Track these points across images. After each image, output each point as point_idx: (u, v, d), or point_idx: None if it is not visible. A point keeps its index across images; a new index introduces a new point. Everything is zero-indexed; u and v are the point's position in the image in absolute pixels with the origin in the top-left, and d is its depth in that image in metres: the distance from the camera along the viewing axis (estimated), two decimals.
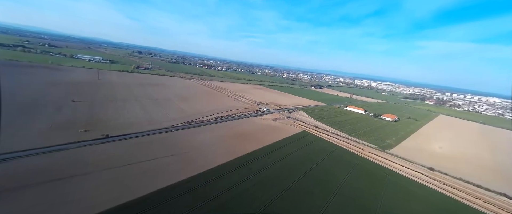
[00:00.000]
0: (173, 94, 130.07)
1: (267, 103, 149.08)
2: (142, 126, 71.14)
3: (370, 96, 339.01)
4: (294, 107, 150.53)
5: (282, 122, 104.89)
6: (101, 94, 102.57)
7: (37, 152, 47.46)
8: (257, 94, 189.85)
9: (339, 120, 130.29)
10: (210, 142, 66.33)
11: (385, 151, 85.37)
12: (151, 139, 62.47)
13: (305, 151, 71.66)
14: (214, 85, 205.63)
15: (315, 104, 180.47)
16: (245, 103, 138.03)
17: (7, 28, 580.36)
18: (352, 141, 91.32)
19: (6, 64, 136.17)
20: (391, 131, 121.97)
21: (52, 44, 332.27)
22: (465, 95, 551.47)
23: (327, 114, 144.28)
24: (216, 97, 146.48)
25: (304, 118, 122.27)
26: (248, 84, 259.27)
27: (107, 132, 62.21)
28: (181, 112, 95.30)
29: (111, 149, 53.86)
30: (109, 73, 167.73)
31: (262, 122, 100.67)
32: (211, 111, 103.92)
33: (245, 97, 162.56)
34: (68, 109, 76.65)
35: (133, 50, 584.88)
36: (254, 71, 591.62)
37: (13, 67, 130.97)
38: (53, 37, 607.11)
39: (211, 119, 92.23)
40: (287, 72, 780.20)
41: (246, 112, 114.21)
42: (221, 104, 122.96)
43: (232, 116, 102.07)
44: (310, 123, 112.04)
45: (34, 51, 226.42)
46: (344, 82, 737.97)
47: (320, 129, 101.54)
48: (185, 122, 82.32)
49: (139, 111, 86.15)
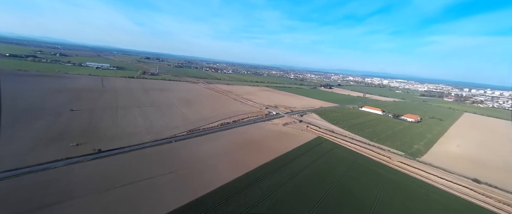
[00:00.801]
0: (177, 99, 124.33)
1: (276, 106, 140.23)
2: (141, 137, 64.64)
3: (384, 95, 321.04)
4: (305, 109, 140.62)
5: (294, 127, 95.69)
6: (102, 102, 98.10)
7: (17, 173, 41.47)
8: (265, 96, 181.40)
9: (356, 122, 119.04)
10: (214, 154, 58.51)
11: (415, 159, 74.05)
12: (148, 153, 55.53)
13: (323, 162, 62.21)
14: (220, 88, 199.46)
15: (327, 105, 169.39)
16: (253, 107, 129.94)
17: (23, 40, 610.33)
18: (375, 148, 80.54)
19: (13, 74, 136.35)
20: (416, 134, 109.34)
21: (64, 53, 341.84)
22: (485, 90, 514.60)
23: (341, 116, 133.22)
24: (222, 101, 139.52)
25: (317, 121, 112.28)
26: (255, 86, 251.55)
27: (101, 145, 56.00)
28: (184, 119, 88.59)
29: (102, 166, 47.21)
30: (114, 80, 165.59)
31: (272, 127, 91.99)
32: (216, 117, 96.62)
33: (252, 100, 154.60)
34: (64, 119, 71.78)
35: (142, 56, 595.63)
36: (261, 72, 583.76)
37: (19, 76, 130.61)
38: (66, 46, 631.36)
39: (216, 126, 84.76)
40: (294, 73, 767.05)
41: (254, 116, 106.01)
42: (227, 109, 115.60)
43: (239, 122, 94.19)
44: (325, 127, 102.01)
45: (45, 60, 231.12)
46: (354, 81, 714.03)
47: (336, 134, 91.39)
48: (188, 130, 75.24)
49: (139, 120, 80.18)
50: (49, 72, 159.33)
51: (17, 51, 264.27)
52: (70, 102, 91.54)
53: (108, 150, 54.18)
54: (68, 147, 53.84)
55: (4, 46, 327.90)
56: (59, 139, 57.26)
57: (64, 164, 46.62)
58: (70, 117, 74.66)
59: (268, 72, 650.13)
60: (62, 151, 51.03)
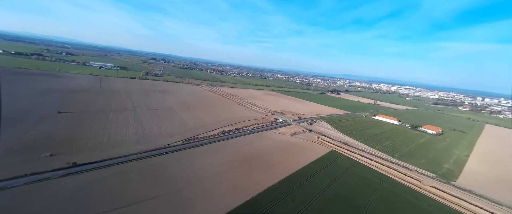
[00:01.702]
0: (176, 102, 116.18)
1: (282, 112, 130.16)
2: (128, 147, 55.91)
3: (396, 102, 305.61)
4: (314, 117, 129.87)
5: (304, 138, 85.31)
6: (95, 104, 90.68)
7: None
8: (270, 101, 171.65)
9: (371, 133, 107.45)
10: (211, 172, 48.96)
11: (450, 183, 62.31)
12: (132, 168, 46.49)
13: (341, 185, 51.65)
14: (224, 91, 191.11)
15: (337, 112, 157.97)
16: (258, 113, 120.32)
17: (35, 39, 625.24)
18: (400, 166, 69.18)
19: (11, 72, 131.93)
20: (441, 149, 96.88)
21: (70, 53, 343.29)
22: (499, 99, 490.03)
23: (354, 125, 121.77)
24: (225, 105, 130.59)
25: (328, 131, 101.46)
26: (260, 90, 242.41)
27: (79, 157, 47.45)
28: (181, 125, 79.76)
29: (69, 186, 38.37)
30: (115, 80, 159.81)
31: (279, 137, 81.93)
32: (218, 124, 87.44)
33: (257, 105, 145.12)
34: (47, 123, 64.08)
35: (148, 57, 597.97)
36: (266, 76, 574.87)
37: (16, 75, 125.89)
38: (76, 46, 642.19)
39: (217, 134, 75.43)
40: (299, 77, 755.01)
41: (259, 124, 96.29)
42: (230, 114, 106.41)
43: (242, 130, 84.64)
44: (338, 138, 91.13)
45: (49, 59, 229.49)
46: (361, 86, 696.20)
47: (352, 148, 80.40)
48: (184, 139, 66.17)
49: (131, 125, 71.80)
50: (49, 71, 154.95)
51: (24, 49, 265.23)
52: (61, 103, 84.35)
53: (85, 163, 45.49)
54: (39, 158, 45.47)
55: (13, 44, 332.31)
56: (32, 148, 49.07)
57: (25, 182, 38.03)
58: (55, 121, 66.96)
59: (273, 75, 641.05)
60: (30, 164, 42.63)
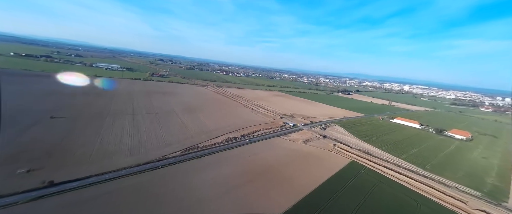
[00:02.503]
0: (179, 104, 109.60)
1: (292, 115, 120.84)
2: (118, 159, 48.97)
3: (411, 103, 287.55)
4: (327, 120, 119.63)
5: (318, 145, 75.88)
6: (93, 107, 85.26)
7: None
8: (278, 102, 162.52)
9: (392, 139, 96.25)
10: (212, 192, 40.95)
11: (501, 204, 51.21)
12: (116, 189, 39.23)
13: (372, 210, 42.19)
14: (230, 92, 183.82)
15: (351, 115, 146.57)
16: (265, 116, 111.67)
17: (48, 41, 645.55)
18: (435, 182, 58.52)
19: (15, 73, 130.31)
20: (477, 159, 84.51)
21: (79, 54, 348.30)
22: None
23: (372, 129, 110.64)
24: (231, 108, 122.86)
25: (344, 137, 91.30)
26: (267, 91, 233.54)
27: (61, 172, 40.86)
28: (182, 131, 72.52)
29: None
30: (118, 81, 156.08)
31: (291, 145, 72.97)
32: (222, 129, 79.62)
33: (264, 107, 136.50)
34: (36, 130, 58.50)
35: (155, 58, 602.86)
36: (273, 76, 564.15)
37: (20, 76, 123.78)
38: (87, 48, 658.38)
39: (220, 142, 67.53)
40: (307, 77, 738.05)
41: (267, 129, 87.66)
42: (235, 118, 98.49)
43: (249, 136, 76.36)
44: (356, 145, 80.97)
45: (57, 60, 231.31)
46: (371, 86, 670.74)
47: (375, 158, 70.19)
48: (183, 149, 58.66)
49: (126, 132, 65.22)
50: (53, 73, 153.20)
51: (35, 51, 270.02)
52: (57, 107, 79.43)
53: (63, 182, 38.66)
54: (14, 175, 39.11)
55: (26, 47, 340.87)
56: (9, 161, 42.93)
57: None
58: (45, 127, 61.36)
59: (280, 75, 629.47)
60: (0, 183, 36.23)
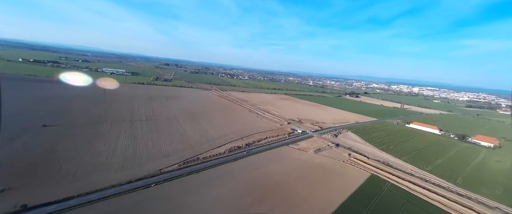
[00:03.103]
0: (181, 110, 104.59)
1: (300, 121, 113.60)
2: (108, 174, 43.50)
3: (424, 106, 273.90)
4: (338, 126, 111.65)
5: (331, 155, 68.45)
6: (90, 114, 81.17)
7: None
8: (285, 106, 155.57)
9: (412, 147, 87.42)
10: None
11: None
12: (101, 213, 33.36)
13: None
14: (234, 96, 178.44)
15: (362, 119, 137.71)
16: (272, 122, 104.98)
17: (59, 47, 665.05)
18: (473, 201, 49.99)
19: (18, 78, 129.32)
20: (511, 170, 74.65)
21: (87, 60, 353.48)
22: None
23: (388, 136, 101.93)
24: (235, 113, 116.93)
25: (359, 145, 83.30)
26: (272, 94, 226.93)
27: (39, 192, 35.64)
28: (182, 140, 66.85)
29: None
30: (121, 86, 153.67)
31: (300, 156, 65.91)
32: (225, 137, 73.53)
33: (270, 111, 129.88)
34: (24, 140, 54.13)
35: (161, 63, 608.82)
36: (278, 79, 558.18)
37: (22, 81, 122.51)
38: (96, 54, 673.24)
39: (223, 152, 61.32)
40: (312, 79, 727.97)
41: (274, 136, 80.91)
42: (239, 124, 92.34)
43: (255, 145, 69.86)
44: (374, 155, 72.95)
45: (64, 66, 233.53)
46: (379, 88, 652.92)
47: (398, 171, 62.08)
48: (182, 161, 52.75)
49: (121, 141, 60.09)
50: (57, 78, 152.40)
51: (42, 57, 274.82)
52: (52, 113, 75.72)
53: (39, 205, 33.19)
54: None
55: (36, 53, 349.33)
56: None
57: None
58: (35, 136, 57.02)
59: (285, 78, 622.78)
60: None
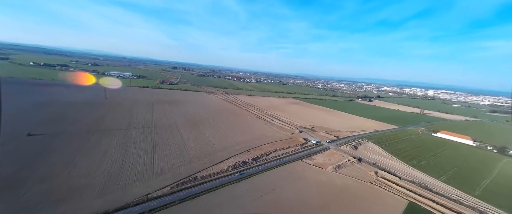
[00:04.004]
0: (182, 116, 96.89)
1: (312, 128, 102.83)
2: (83, 201, 35.34)
3: (445, 111, 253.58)
4: (356, 135, 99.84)
5: (354, 174, 57.50)
6: (84, 121, 74.74)
7: None
8: (295, 112, 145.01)
9: (448, 163, 74.45)
10: None
11: None
12: None
13: None
14: (241, 100, 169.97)
15: (381, 126, 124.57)
16: (282, 129, 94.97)
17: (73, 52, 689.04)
18: None
19: (21, 82, 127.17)
20: None
21: (96, 63, 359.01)
22: None
23: (415, 148, 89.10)
24: (241, 119, 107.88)
25: (385, 160, 71.51)
26: (281, 98, 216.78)
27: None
28: (179, 152, 58.35)
29: None
30: (125, 90, 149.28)
31: (318, 175, 55.49)
32: (229, 149, 64.42)
33: (279, 117, 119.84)
34: (5, 149, 47.49)
35: (169, 66, 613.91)
36: (285, 82, 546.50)
37: (24, 85, 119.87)
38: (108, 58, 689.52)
39: (226, 169, 52.07)
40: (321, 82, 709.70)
41: (285, 148, 70.89)
42: (246, 133, 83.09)
43: (263, 160, 60.21)
44: (405, 173, 61.19)
45: (72, 69, 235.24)
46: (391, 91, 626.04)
47: (441, 198, 50.26)
48: (176, 182, 43.98)
49: (109, 155, 52.33)
50: (62, 81, 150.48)
51: (53, 61, 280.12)
52: (43, 121, 69.86)
53: None
54: None
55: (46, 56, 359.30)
56: None
57: None
58: (13, 148, 50.29)
59: (293, 81, 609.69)
60: None
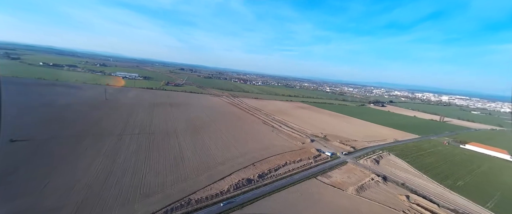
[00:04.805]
0: (184, 121, 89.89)
1: (324, 137, 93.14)
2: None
3: (466, 118, 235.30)
4: (374, 145, 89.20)
5: (381, 198, 47.69)
6: (74, 126, 68.90)
7: None
8: (304, 117, 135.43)
9: (490, 184, 62.94)
10: None
11: None
12: None
13: None
14: (247, 103, 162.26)
15: (401, 136, 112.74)
16: (291, 138, 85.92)
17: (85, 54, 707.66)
18: None
19: (25, 83, 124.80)
20: None
21: (105, 64, 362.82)
22: None
23: (444, 162, 77.61)
24: (247, 125, 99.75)
25: (414, 179, 60.96)
26: (288, 102, 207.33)
27: None
28: (174, 167, 50.70)
29: None
30: (128, 91, 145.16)
31: (338, 199, 46.15)
32: (232, 161, 56.22)
33: (288, 123, 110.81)
34: None
35: (177, 67, 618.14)
36: (292, 84, 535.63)
37: (26, 86, 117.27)
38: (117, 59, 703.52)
39: (227, 189, 43.74)
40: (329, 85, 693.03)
41: (296, 161, 61.90)
42: (252, 142, 74.74)
43: (270, 176, 51.55)
44: (442, 198, 50.69)
45: (80, 70, 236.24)
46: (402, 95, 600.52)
47: None
48: (164, 208, 36.06)
49: (93, 168, 45.35)
50: (66, 82, 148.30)
51: (63, 61, 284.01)
52: (33, 124, 64.53)
53: None
54: None
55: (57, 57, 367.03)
56: None
57: None
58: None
59: (300, 84, 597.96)
60: None
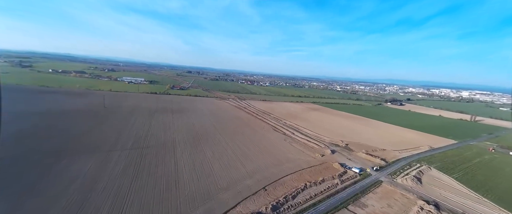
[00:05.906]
0: (185, 130, 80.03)
1: (346, 145, 79.93)
2: None
3: (498, 116, 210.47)
4: (407, 156, 74.84)
5: None
6: (58, 140, 60.78)
7: None
8: (318, 121, 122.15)
9: None
10: None
11: None
12: None
13: None
14: (254, 106, 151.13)
15: (435, 141, 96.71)
16: (307, 148, 73.53)
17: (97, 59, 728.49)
18: None
19: (25, 90, 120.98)
20: None
21: (114, 69, 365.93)
22: None
23: (502, 178, 62.28)
24: (255, 133, 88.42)
25: (475, 206, 46.82)
26: (299, 103, 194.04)
27: None
28: (164, 196, 40.29)
29: None
30: (130, 97, 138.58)
31: None
32: (238, 186, 45.07)
33: (301, 129, 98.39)
34: None
35: (184, 70, 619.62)
36: (301, 84, 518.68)
37: (25, 93, 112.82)
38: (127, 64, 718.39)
39: None
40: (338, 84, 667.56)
41: (318, 182, 49.73)
42: (261, 155, 63.33)
43: (288, 209, 39.88)
44: None
45: (87, 75, 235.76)
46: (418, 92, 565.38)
47: None
48: None
49: (68, 195, 35.83)
50: (68, 88, 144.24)
51: (73, 67, 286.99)
52: (13, 137, 56.85)
53: None
54: None
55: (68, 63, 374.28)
56: None
57: None
58: None
59: (308, 84, 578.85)
60: None
